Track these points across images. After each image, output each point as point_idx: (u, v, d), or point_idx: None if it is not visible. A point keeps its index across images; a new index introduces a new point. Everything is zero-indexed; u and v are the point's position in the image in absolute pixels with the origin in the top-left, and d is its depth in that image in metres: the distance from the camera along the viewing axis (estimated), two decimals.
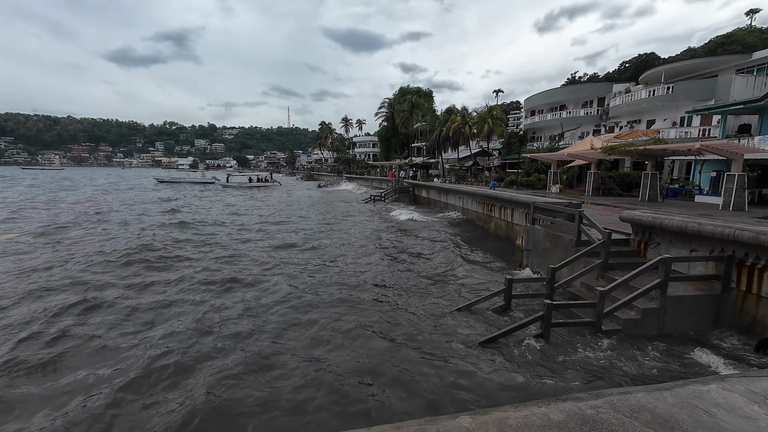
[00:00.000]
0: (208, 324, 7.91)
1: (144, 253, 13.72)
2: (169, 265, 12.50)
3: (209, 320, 8.11)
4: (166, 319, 8.23)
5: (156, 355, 6.51)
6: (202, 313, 8.51)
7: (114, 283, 10.59)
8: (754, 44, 33.99)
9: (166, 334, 7.43)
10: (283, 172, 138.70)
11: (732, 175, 14.57)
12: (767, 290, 6.91)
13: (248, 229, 20.23)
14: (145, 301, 9.21)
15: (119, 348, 6.94)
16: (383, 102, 66.47)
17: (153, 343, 7.02)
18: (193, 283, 10.58)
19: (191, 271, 11.71)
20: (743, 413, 1.70)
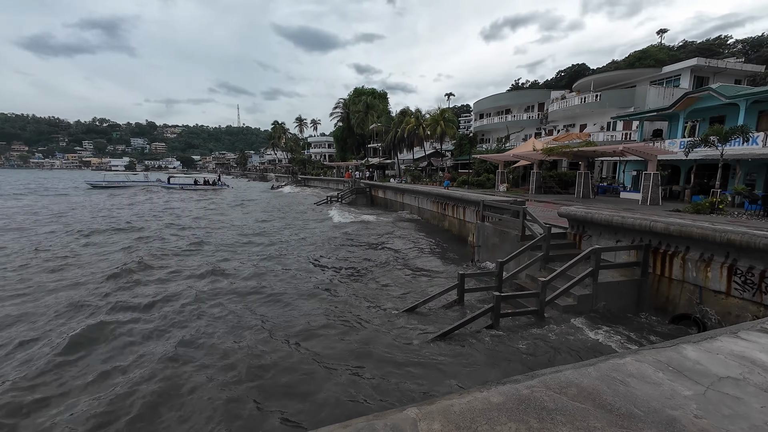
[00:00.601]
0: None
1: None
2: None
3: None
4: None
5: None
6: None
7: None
8: (663, 59, 38.89)
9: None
10: (233, 173, 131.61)
11: (648, 173, 16.55)
12: (677, 273, 7.94)
13: (188, 227, 18.92)
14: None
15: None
16: (338, 102, 65.99)
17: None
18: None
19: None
20: (651, 380, 1.92)
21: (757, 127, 17.45)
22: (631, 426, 1.56)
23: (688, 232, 7.50)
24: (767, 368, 2.07)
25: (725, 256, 7.07)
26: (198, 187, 53.60)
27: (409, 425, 1.59)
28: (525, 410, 1.67)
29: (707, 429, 1.55)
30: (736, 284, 6.89)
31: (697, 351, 2.24)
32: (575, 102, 30.16)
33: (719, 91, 18.14)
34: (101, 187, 51.97)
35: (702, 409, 1.67)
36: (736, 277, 6.89)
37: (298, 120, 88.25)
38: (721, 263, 7.11)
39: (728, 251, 7.01)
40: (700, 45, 50.60)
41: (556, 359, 6.27)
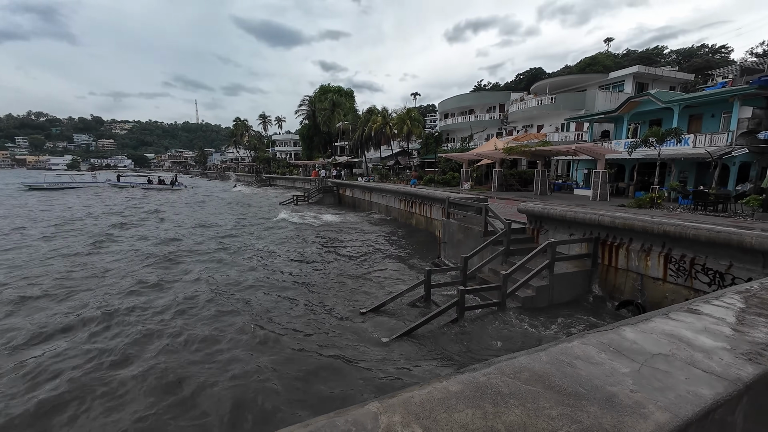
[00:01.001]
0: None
1: None
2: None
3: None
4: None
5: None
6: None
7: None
8: (610, 66, 42.10)
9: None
10: (192, 172, 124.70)
11: (598, 171, 17.83)
12: (622, 263, 8.63)
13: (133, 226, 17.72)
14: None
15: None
16: (303, 99, 64.59)
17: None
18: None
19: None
20: (594, 361, 2.07)
21: (688, 130, 19.37)
22: (576, 404, 1.67)
23: (630, 225, 8.18)
24: (691, 344, 2.29)
25: (662, 246, 7.79)
26: (152, 187, 50.22)
27: (370, 419, 1.61)
28: (481, 396, 1.74)
29: (641, 401, 1.69)
30: (671, 271, 7.63)
31: (635, 332, 2.44)
32: (533, 104, 31.78)
33: (657, 96, 19.91)
34: (41, 189, 46.09)
35: (637, 384, 1.83)
36: (670, 264, 7.63)
37: (261, 117, 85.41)
38: (658, 252, 7.83)
39: (664, 241, 7.74)
40: (641, 53, 55.22)
41: (516, 347, 6.60)
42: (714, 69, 34.78)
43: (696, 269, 7.23)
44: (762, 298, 3.17)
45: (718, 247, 6.85)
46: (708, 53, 50.26)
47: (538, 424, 1.55)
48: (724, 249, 6.78)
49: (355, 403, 1.69)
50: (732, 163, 16.88)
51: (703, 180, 18.02)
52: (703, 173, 18.44)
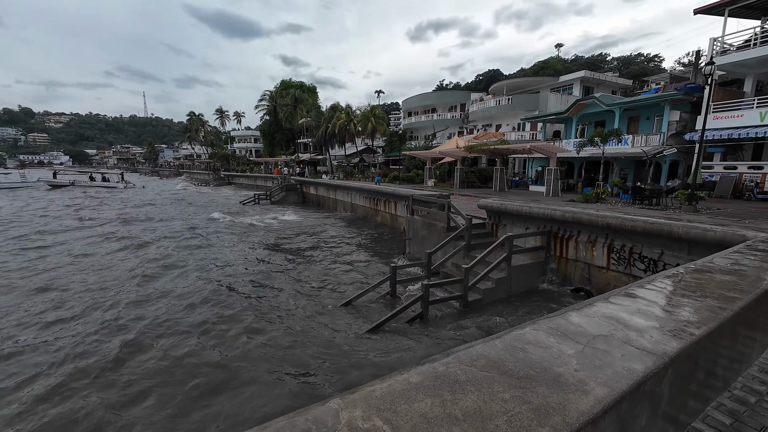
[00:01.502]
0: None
1: None
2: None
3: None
4: None
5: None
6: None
7: None
8: (560, 70, 44.96)
9: None
10: (141, 170, 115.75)
11: (550, 169, 18.97)
12: (572, 254, 9.29)
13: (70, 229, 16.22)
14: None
15: None
16: (264, 94, 62.30)
17: None
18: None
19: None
20: (544, 344, 2.20)
21: (627, 131, 21.18)
22: (527, 386, 1.77)
23: (578, 218, 8.82)
24: (627, 325, 2.51)
25: (606, 237, 8.49)
26: (93, 185, 45.92)
27: (331, 416, 1.60)
28: (440, 385, 1.79)
29: (583, 379, 1.82)
30: (613, 260, 8.34)
31: (579, 316, 2.63)
32: (491, 104, 33.10)
33: (600, 99, 21.57)
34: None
35: (580, 364, 1.97)
36: (613, 254, 8.33)
37: (219, 111, 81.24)
38: (603, 243, 8.52)
39: (608, 233, 8.43)
40: (587, 59, 59.51)
41: (476, 336, 6.88)
42: (648, 76, 38.38)
43: (634, 257, 7.96)
44: (687, 281, 3.56)
45: (652, 237, 7.59)
46: (643, 61, 55.27)
47: (492, 408, 1.63)
48: (657, 238, 7.52)
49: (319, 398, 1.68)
50: (664, 161, 18.74)
51: (641, 176, 19.84)
52: (640, 170, 20.29)
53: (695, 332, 2.39)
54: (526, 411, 1.59)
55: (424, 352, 6.51)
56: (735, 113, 16.12)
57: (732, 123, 16.09)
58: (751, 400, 2.79)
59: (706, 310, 2.76)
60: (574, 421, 1.53)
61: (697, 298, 3.04)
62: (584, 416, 1.56)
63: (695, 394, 2.61)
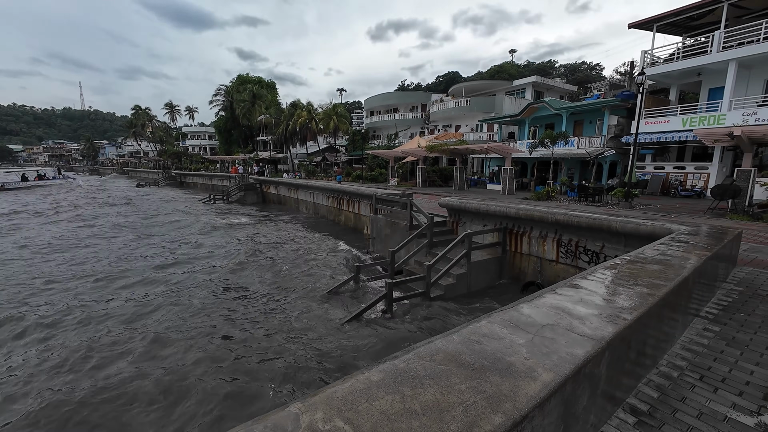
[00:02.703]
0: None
1: None
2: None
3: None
4: None
5: None
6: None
7: None
8: (514, 74, 47.47)
9: None
10: (78, 168, 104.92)
11: (506, 168, 19.98)
12: (525, 249, 9.86)
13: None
14: None
15: None
16: (219, 89, 59.24)
17: None
18: None
19: None
20: (497, 336, 2.32)
21: (573, 133, 22.87)
22: (482, 376, 1.86)
23: (531, 215, 9.38)
24: (571, 313, 2.72)
25: (555, 233, 9.11)
26: (31, 184, 40.51)
27: (291, 421, 1.58)
28: (401, 382, 1.83)
29: (533, 366, 1.95)
30: (562, 253, 8.97)
31: (530, 308, 2.81)
32: (451, 105, 34.12)
33: (550, 103, 23.07)
34: None
35: (530, 352, 2.11)
36: (561, 248, 8.97)
37: (168, 106, 75.92)
38: (552, 238, 9.14)
39: (557, 228, 9.05)
40: (538, 65, 63.35)
41: (438, 331, 7.09)
42: (591, 83, 41.67)
43: (579, 251, 8.63)
44: (623, 271, 3.92)
45: (594, 232, 8.28)
46: (587, 69, 59.95)
47: (450, 399, 1.70)
48: (599, 233, 8.22)
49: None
50: (604, 162, 20.48)
51: (585, 176, 21.53)
52: (585, 170, 22.01)
53: (628, 317, 2.65)
54: (481, 400, 1.68)
55: (391, 348, 6.58)
56: (662, 119, 18.03)
57: (660, 128, 17.98)
58: (674, 375, 3.15)
59: (637, 297, 3.07)
60: (523, 405, 1.64)
61: (630, 287, 3.37)
62: (532, 401, 1.68)
63: (628, 372, 2.90)
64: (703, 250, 4.84)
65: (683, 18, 17.77)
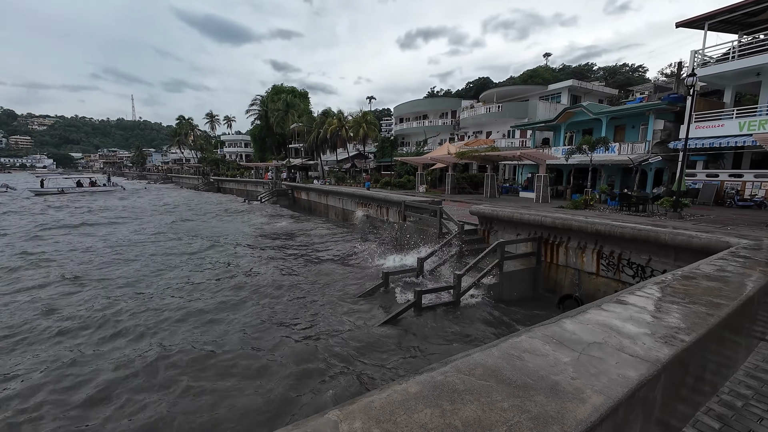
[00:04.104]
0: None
1: None
2: None
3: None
4: None
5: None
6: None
7: None
8: (549, 79, 46.01)
9: None
10: (128, 174, 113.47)
11: (540, 175, 19.28)
12: (561, 260, 9.41)
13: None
14: None
15: None
16: (255, 99, 62.04)
17: None
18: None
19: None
20: (540, 353, 2.22)
21: (614, 139, 21.69)
22: (525, 395, 1.78)
23: (568, 225, 8.96)
24: (620, 332, 2.55)
25: (595, 244, 8.63)
26: (85, 190, 44.28)
27: (330, 428, 1.58)
28: (439, 395, 1.79)
29: (580, 387, 1.83)
30: (603, 266, 8.47)
31: (573, 323, 2.66)
32: (482, 111, 33.57)
33: (588, 108, 22.08)
34: None
35: (576, 371, 1.99)
36: (602, 260, 8.47)
37: (209, 116, 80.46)
38: (592, 249, 8.66)
39: (597, 239, 8.58)
40: (575, 69, 61.00)
41: (470, 343, 6.89)
42: (633, 85, 39.51)
43: (623, 263, 8.11)
44: (675, 287, 3.64)
45: (640, 243, 7.75)
46: (628, 71, 56.93)
47: (491, 417, 1.63)
48: (645, 245, 7.69)
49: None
50: (649, 169, 19.22)
51: (627, 183, 20.30)
52: (627, 177, 20.77)
53: (685, 338, 2.44)
54: (526, 420, 1.60)
55: (419, 357, 6.49)
56: (716, 123, 16.68)
57: (713, 132, 16.63)
58: (738, 404, 2.86)
59: (694, 317, 2.82)
60: (572, 429, 1.55)
61: (685, 305, 3.10)
62: (582, 425, 1.58)
63: (686, 399, 2.66)
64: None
65: (739, 14, 16.46)
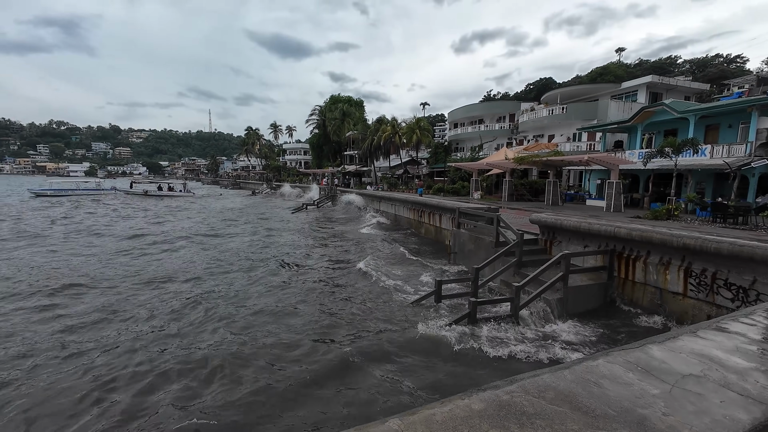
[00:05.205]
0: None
1: None
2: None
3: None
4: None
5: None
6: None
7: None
8: (622, 76, 41.77)
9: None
10: (204, 180, 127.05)
11: (611, 182, 17.54)
12: (639, 276, 8.40)
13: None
14: None
15: None
16: (314, 109, 65.60)
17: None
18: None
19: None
20: (622, 380, 1.99)
21: (704, 140, 18.98)
22: (606, 426, 1.61)
23: (648, 237, 7.98)
24: (724, 365, 2.19)
25: (681, 260, 7.57)
26: (162, 194, 50.87)
27: None
28: (506, 416, 1.68)
29: (675, 426, 1.62)
30: (692, 285, 7.38)
31: (662, 350, 2.35)
32: (543, 114, 31.63)
33: (671, 106, 19.63)
34: (46, 196, 44.15)
35: (669, 407, 1.75)
36: (691, 278, 7.39)
37: (272, 126, 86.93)
38: (678, 266, 7.60)
39: (684, 255, 7.51)
40: (654, 63, 54.72)
41: (532, 363, 6.43)
42: (729, 79, 34.23)
43: (718, 284, 6.99)
44: None
45: (742, 262, 6.62)
46: (722, 63, 49.55)
47: None
48: (748, 264, 6.55)
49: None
50: (751, 175, 16.44)
51: (722, 191, 17.57)
52: (720, 184, 18.00)
53: None
54: None
55: (474, 373, 6.23)
56: None
57: None
58: None
59: None
60: None
61: None
62: None
63: None
64: None
65: None
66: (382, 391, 5.81)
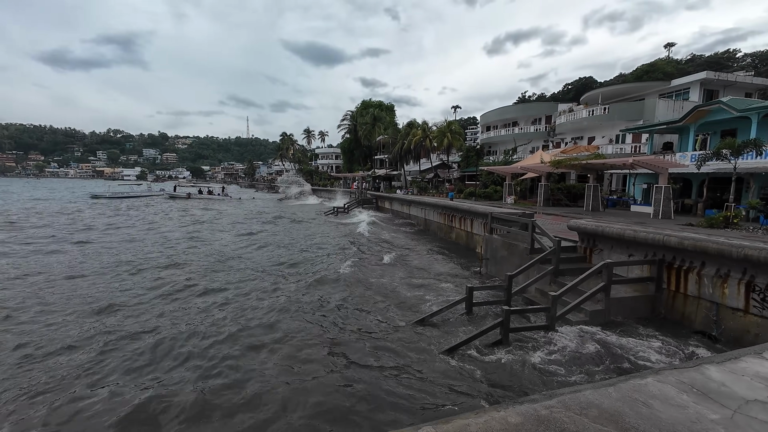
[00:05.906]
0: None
1: None
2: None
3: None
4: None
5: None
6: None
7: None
8: (672, 73, 38.86)
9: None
10: (241, 183, 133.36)
11: (660, 186, 16.34)
12: (692, 289, 7.74)
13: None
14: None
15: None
16: (345, 114, 66.98)
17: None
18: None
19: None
20: (675, 402, 1.86)
21: None
22: None
23: (703, 246, 7.35)
24: None
25: (742, 273, 6.89)
26: (202, 197, 53.94)
27: None
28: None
29: None
30: (755, 301, 6.69)
31: (722, 372, 2.16)
32: (583, 114, 30.15)
33: (730, 104, 18.00)
34: (105, 198, 49.31)
35: None
36: (754, 294, 6.70)
37: (306, 132, 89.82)
38: (738, 279, 6.93)
39: (745, 267, 6.83)
40: (709, 58, 50.51)
41: (570, 378, 6.10)
42: None
43: None
44: None
45: None
46: None
47: None
48: None
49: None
50: None
51: None
52: None
53: None
54: None
55: (507, 385, 6.02)
56: None
57: None
58: None
59: None
60: None
61: None
62: None
63: None
64: None
65: None
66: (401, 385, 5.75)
